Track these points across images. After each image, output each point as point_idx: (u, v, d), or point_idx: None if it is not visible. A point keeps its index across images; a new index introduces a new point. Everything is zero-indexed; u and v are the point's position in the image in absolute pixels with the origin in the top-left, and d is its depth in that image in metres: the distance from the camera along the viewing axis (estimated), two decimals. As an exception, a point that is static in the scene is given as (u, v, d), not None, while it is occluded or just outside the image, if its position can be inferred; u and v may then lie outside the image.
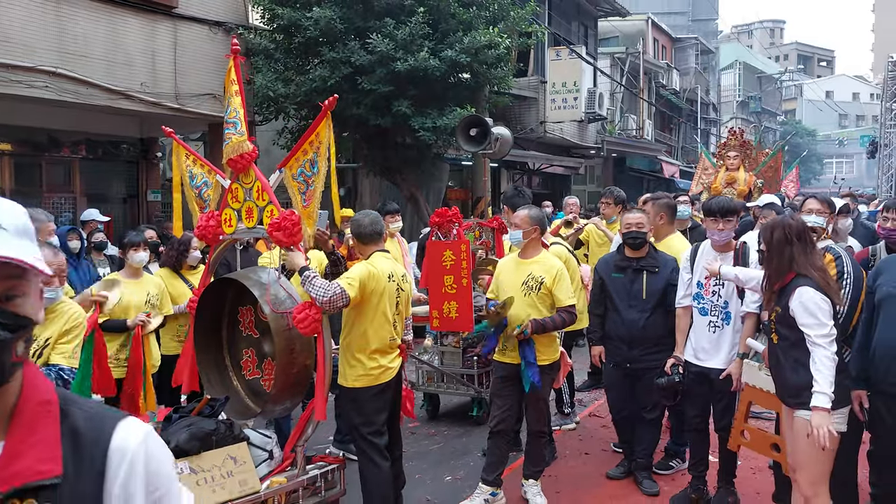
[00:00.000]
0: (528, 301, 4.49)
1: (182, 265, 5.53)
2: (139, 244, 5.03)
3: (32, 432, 1.11)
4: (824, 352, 3.28)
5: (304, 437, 3.95)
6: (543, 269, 4.49)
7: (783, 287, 3.48)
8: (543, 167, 18.94)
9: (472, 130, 7.31)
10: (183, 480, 3.41)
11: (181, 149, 4.48)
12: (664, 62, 31.21)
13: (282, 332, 3.87)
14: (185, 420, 3.72)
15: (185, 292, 5.29)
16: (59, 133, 10.48)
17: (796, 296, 3.37)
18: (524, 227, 4.57)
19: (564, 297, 4.46)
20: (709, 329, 4.42)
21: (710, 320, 4.42)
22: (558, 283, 4.45)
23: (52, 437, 1.11)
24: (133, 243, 5.02)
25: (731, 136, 10.40)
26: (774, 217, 3.99)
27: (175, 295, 5.32)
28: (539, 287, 4.47)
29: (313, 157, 3.86)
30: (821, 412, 3.24)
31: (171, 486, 1.19)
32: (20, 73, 8.13)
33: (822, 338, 3.30)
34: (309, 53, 10.71)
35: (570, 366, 4.86)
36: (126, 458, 1.13)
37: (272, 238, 3.88)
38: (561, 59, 17.89)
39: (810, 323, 3.32)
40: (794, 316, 3.37)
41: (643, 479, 4.90)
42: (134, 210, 11.71)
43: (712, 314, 4.41)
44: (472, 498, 4.63)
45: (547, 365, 4.55)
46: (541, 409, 4.66)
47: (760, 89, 52.89)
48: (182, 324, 5.24)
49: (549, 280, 4.45)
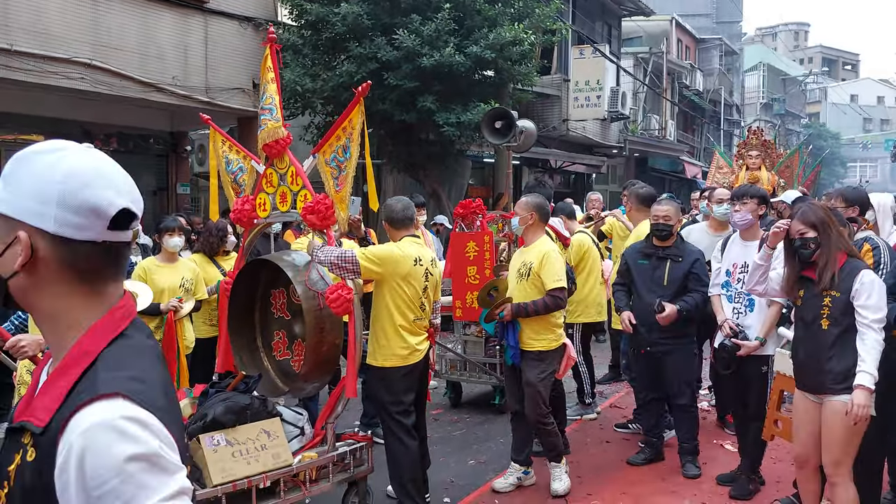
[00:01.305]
0: (520, 287, 4.59)
1: (218, 251, 5.67)
2: (174, 229, 5.19)
3: (60, 377, 1.09)
4: (876, 336, 3.37)
5: (333, 415, 4.08)
6: (534, 255, 4.56)
7: (840, 271, 3.47)
8: (565, 165, 18.97)
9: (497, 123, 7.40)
10: (219, 452, 3.56)
11: (217, 135, 4.63)
12: (688, 63, 31.05)
13: (313, 311, 4.00)
14: (221, 395, 3.86)
15: (217, 277, 5.44)
16: (91, 125, 10.72)
17: (861, 278, 3.41)
18: (521, 213, 4.67)
19: (549, 280, 4.46)
20: (734, 315, 4.56)
21: (735, 307, 4.55)
22: (545, 267, 4.47)
23: (63, 388, 1.07)
24: (169, 228, 5.18)
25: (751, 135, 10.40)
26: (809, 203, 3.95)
27: (207, 280, 5.47)
28: (528, 273, 4.54)
29: (346, 142, 3.99)
30: (864, 391, 3.32)
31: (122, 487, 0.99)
32: (56, 65, 8.35)
33: (878, 322, 3.38)
34: (336, 49, 10.85)
35: (574, 360, 4.80)
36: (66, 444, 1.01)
37: (306, 221, 4.01)
38: (584, 58, 17.91)
39: (872, 305, 3.38)
40: (853, 299, 3.41)
41: (686, 463, 4.99)
42: (163, 202, 11.94)
43: (736, 301, 4.54)
44: (505, 476, 4.80)
45: (540, 352, 4.56)
46: (532, 398, 4.58)
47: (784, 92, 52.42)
48: (215, 308, 5.39)
49: (536, 264, 4.50)
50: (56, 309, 1.14)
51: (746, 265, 4.45)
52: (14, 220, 1.11)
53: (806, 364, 3.63)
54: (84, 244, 1.12)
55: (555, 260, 4.50)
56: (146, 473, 1.00)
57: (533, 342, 4.57)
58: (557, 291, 4.46)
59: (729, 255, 4.64)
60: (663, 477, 4.97)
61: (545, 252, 4.52)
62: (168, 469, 1.03)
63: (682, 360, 4.94)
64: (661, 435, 5.30)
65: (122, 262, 1.20)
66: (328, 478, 4.01)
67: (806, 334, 3.62)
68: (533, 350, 4.57)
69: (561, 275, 4.49)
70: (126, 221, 1.14)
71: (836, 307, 3.47)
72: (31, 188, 1.10)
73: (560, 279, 4.48)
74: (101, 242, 1.13)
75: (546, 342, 4.57)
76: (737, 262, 4.58)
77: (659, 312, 4.70)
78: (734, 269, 4.58)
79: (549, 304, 4.46)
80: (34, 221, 1.10)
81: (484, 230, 5.97)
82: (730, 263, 4.61)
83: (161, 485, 1.01)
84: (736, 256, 4.60)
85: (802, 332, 3.65)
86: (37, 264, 1.11)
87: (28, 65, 8.09)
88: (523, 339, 4.59)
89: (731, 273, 4.60)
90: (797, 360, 3.71)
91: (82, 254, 1.12)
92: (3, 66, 7.90)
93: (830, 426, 3.52)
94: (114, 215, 1.12)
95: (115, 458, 0.99)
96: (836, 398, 3.47)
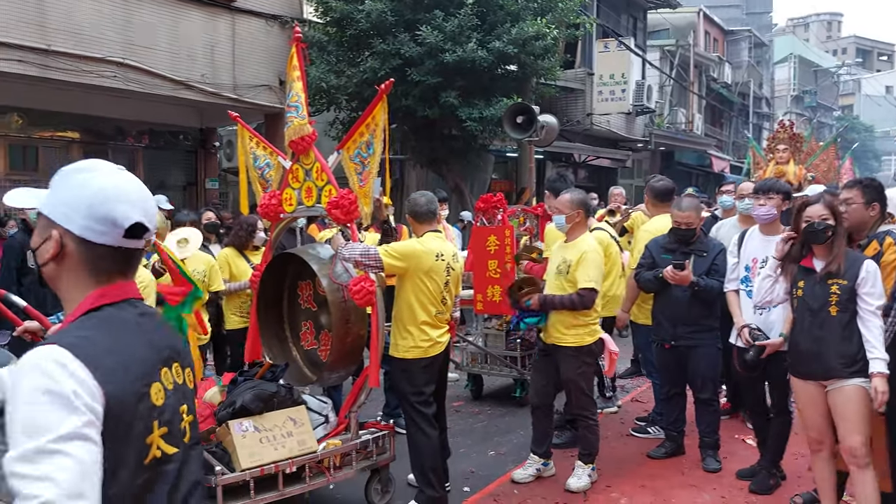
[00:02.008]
0: (557, 284, 4.61)
1: (248, 245, 5.81)
2: (187, 223, 5.32)
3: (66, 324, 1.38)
4: (879, 322, 3.55)
5: (357, 404, 4.20)
6: (573, 253, 4.57)
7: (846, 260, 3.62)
8: (589, 159, 18.93)
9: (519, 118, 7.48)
10: (248, 438, 3.70)
11: (245, 132, 4.76)
12: (716, 55, 30.73)
13: (338, 303, 4.13)
14: (249, 383, 4.00)
15: (247, 270, 5.59)
16: (124, 123, 11.01)
17: (866, 267, 3.57)
18: (566, 212, 4.63)
19: (582, 280, 4.46)
20: (755, 312, 4.50)
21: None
22: (580, 266, 4.48)
23: None
24: (182, 223, 5.31)
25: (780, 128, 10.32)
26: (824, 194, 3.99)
27: (237, 273, 5.64)
28: (567, 270, 4.56)
29: (369, 138, 4.09)
30: (882, 377, 3.46)
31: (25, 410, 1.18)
32: (90, 64, 8.59)
33: (879, 308, 3.55)
34: (360, 46, 10.98)
35: (616, 354, 4.81)
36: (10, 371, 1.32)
37: (330, 216, 4.13)
38: (609, 51, 17.83)
39: (875, 293, 3.56)
40: (858, 287, 3.55)
41: (706, 457, 5.03)
42: (192, 197, 12.19)
43: None
44: (525, 466, 4.88)
45: (574, 347, 4.57)
46: (574, 393, 4.68)
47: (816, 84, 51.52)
48: (245, 300, 5.55)
49: (574, 263, 4.52)
50: (72, 294, 1.41)
51: (768, 260, 4.47)
52: (52, 220, 1.40)
53: (812, 351, 3.71)
54: (102, 247, 1.39)
55: (591, 261, 4.49)
56: (49, 406, 1.17)
57: (564, 336, 4.58)
58: (587, 291, 4.46)
59: (747, 250, 4.61)
60: (683, 471, 5.00)
61: (584, 252, 4.51)
62: (75, 411, 1.18)
63: (706, 355, 4.95)
64: (682, 429, 5.32)
65: (133, 263, 1.47)
66: (351, 465, 4.14)
67: (813, 322, 3.70)
68: (567, 346, 4.58)
69: (595, 277, 4.48)
70: (140, 232, 1.41)
71: (843, 294, 3.59)
72: (67, 197, 1.39)
73: (592, 281, 4.46)
74: (116, 248, 1.40)
75: (578, 337, 4.57)
76: (757, 256, 4.55)
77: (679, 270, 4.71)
78: (754, 263, 4.54)
79: (575, 301, 4.46)
80: (65, 224, 1.38)
81: (505, 224, 6.05)
82: (749, 258, 4.58)
83: (60, 421, 1.16)
84: (756, 251, 4.57)
85: (808, 321, 3.72)
86: (64, 257, 1.40)
87: (64, 64, 8.33)
88: (554, 334, 4.61)
89: (750, 268, 4.57)
90: (799, 350, 3.79)
91: (99, 254, 1.39)
92: (41, 65, 8.15)
93: (846, 412, 3.59)
94: (128, 227, 1.38)
95: (28, 385, 1.19)
96: (847, 382, 3.57)
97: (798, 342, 3.80)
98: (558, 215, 4.71)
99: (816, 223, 3.66)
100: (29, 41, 8.03)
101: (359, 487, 4.39)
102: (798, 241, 3.81)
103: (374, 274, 4.04)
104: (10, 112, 9.74)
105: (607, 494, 4.61)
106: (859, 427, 3.57)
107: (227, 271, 5.65)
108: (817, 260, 3.73)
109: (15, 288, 5.48)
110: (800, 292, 3.76)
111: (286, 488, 3.82)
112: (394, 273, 4.16)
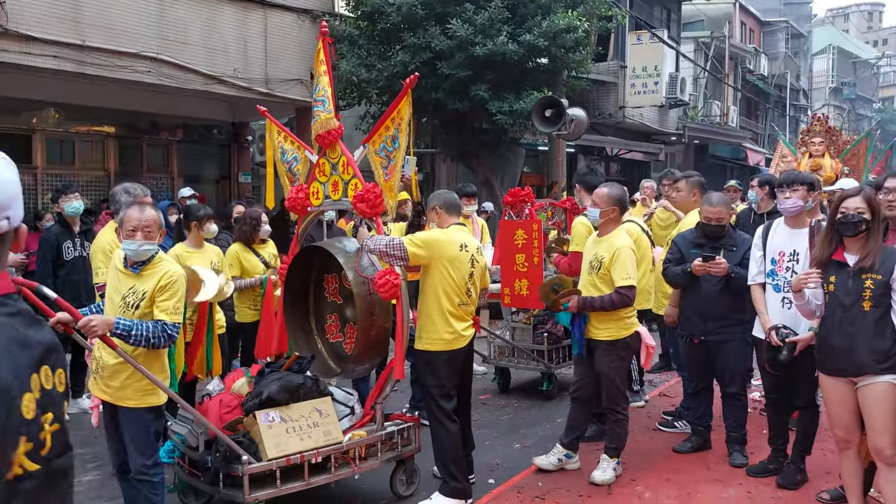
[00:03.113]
0: (590, 280, 4.61)
1: (254, 239, 5.82)
2: (211, 216, 5.32)
3: None
4: None
5: (382, 395, 4.24)
6: (606, 249, 4.54)
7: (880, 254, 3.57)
8: (621, 153, 18.78)
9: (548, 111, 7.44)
10: (274, 428, 3.76)
11: (274, 126, 4.82)
12: (752, 46, 30.19)
13: (363, 296, 4.18)
14: (276, 374, 4.07)
15: (257, 265, 5.68)
16: (158, 117, 11.21)
17: None
18: (602, 206, 4.59)
19: (619, 278, 4.44)
20: (783, 306, 4.45)
21: (785, 297, 4.45)
22: (616, 263, 4.46)
23: None
24: (208, 215, 5.29)
25: (815, 122, 10.14)
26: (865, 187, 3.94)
27: (248, 267, 5.67)
28: (599, 267, 4.54)
29: (394, 132, 4.13)
30: None
31: None
32: (125, 59, 8.75)
33: None
34: (391, 39, 11.02)
35: (653, 347, 4.76)
36: None
37: (356, 209, 4.17)
38: (642, 44, 17.64)
39: None
40: (893, 282, 3.51)
41: (733, 452, 4.99)
42: (225, 191, 12.37)
43: (786, 290, 4.44)
44: (548, 455, 4.89)
45: (609, 341, 4.57)
46: (607, 387, 4.67)
47: (855, 75, 50.37)
48: (258, 293, 5.62)
49: (608, 259, 4.50)
50: None
51: (796, 253, 4.41)
52: None
53: (842, 347, 3.65)
54: None
55: (626, 257, 4.46)
56: None
57: (599, 331, 4.58)
58: (625, 290, 4.44)
59: (773, 244, 4.53)
60: (709, 465, 4.97)
61: (618, 248, 4.49)
62: None
63: (736, 350, 4.90)
64: (708, 424, 5.29)
65: None
66: (377, 456, 4.19)
67: (844, 317, 3.63)
68: (602, 340, 4.58)
69: (632, 272, 4.46)
70: None
71: (877, 289, 3.54)
72: None
73: (630, 277, 4.43)
74: None
75: (612, 331, 4.56)
76: (783, 250, 4.48)
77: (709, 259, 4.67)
78: (780, 257, 4.47)
79: (615, 301, 4.45)
80: None
81: (533, 218, 6.05)
82: (775, 252, 4.50)
83: None
84: (782, 244, 4.50)
85: (840, 316, 3.65)
86: None
87: (99, 59, 8.51)
88: (590, 329, 4.61)
89: (776, 262, 4.49)
90: (829, 345, 3.72)
91: None
92: (77, 60, 8.33)
93: (876, 410, 3.54)
94: None
95: None
96: (878, 379, 3.51)
97: (828, 338, 3.74)
98: (593, 209, 4.69)
99: (851, 215, 3.60)
100: (65, 37, 8.21)
101: (384, 478, 4.44)
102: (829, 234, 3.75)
103: (398, 267, 4.07)
104: (47, 107, 9.98)
105: (632, 488, 4.60)
106: (889, 426, 3.51)
107: (237, 267, 5.65)
108: (849, 254, 3.66)
109: (51, 280, 5.63)
110: (831, 287, 3.69)
111: (312, 478, 3.89)
112: (418, 263, 4.18)
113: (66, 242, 5.98)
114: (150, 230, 3.49)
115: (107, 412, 3.62)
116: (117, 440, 3.63)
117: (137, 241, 3.47)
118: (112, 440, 3.68)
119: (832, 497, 4.27)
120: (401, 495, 4.39)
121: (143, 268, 3.52)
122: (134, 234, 3.47)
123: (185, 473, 4.01)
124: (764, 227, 4.70)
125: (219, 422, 3.90)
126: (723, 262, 4.70)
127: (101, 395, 3.56)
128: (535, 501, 4.39)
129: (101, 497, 4.48)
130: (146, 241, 3.48)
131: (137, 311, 3.46)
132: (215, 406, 4.04)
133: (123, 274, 3.56)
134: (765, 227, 4.69)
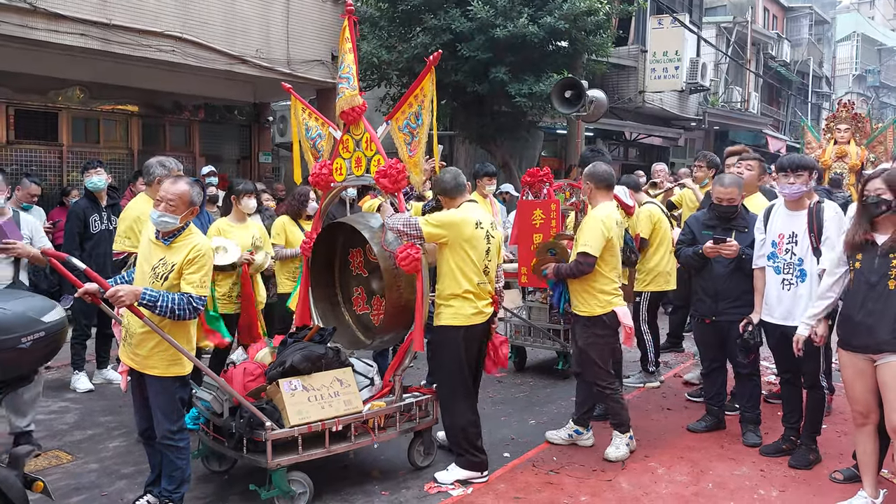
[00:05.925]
0: (575, 251, 4.72)
1: (301, 214, 6.06)
2: (251, 192, 5.50)
3: None
4: None
5: (401, 367, 4.33)
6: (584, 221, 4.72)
7: None
8: (641, 137, 18.70)
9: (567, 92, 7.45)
10: (296, 396, 3.86)
11: (298, 103, 4.90)
12: (774, 32, 29.82)
13: (390, 269, 4.27)
14: (299, 344, 4.17)
15: (301, 237, 5.79)
16: (180, 97, 11.32)
17: None
18: (582, 185, 4.81)
19: (578, 244, 4.60)
20: (783, 287, 4.53)
21: (784, 278, 4.53)
22: (581, 231, 4.65)
23: None
24: (247, 191, 5.47)
25: (841, 108, 10.07)
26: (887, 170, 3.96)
27: (292, 240, 5.88)
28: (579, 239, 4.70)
29: (418, 109, 4.19)
30: None
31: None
32: (149, 38, 8.85)
33: None
34: (412, 21, 11.04)
35: (631, 328, 4.74)
36: None
37: (378, 185, 4.24)
38: (663, 28, 17.50)
39: None
40: None
41: (747, 431, 5.04)
42: (246, 171, 12.49)
43: (786, 272, 4.52)
44: (559, 430, 5.03)
45: (586, 317, 4.68)
46: (584, 361, 4.76)
47: (880, 63, 49.53)
48: (297, 265, 5.75)
49: (580, 230, 4.68)
50: None
51: (794, 235, 4.49)
52: None
53: (865, 324, 3.71)
54: None
55: (590, 226, 4.55)
56: None
57: (577, 306, 4.74)
58: (580, 256, 4.55)
59: (774, 226, 4.60)
60: (723, 444, 5.02)
61: (588, 217, 4.66)
62: None
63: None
64: (722, 403, 5.34)
65: None
66: (395, 426, 4.28)
67: (869, 295, 3.69)
68: (581, 315, 4.73)
69: (590, 241, 4.51)
70: None
71: None
72: None
73: (586, 245, 4.51)
74: None
75: (588, 308, 4.67)
76: (783, 232, 4.54)
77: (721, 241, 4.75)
78: (780, 239, 4.54)
79: (572, 267, 4.61)
80: None
81: (551, 198, 6.09)
82: (775, 234, 4.57)
83: None
84: (782, 227, 4.56)
85: (864, 293, 3.72)
86: None
87: (124, 38, 8.61)
88: (573, 302, 4.78)
89: (776, 244, 4.56)
90: (852, 322, 3.77)
91: None
92: (102, 39, 8.44)
93: (894, 387, 3.59)
94: None
95: None
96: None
97: (851, 315, 3.79)
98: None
99: (871, 197, 3.70)
100: (91, 15, 8.31)
101: (402, 450, 4.54)
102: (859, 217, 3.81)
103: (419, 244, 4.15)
104: (72, 86, 10.10)
105: (645, 464, 4.67)
106: None
107: (282, 237, 5.91)
108: (879, 234, 3.72)
109: (77, 252, 5.79)
110: (857, 265, 3.76)
111: (332, 446, 3.99)
112: (434, 241, 4.25)
113: (94, 216, 6.15)
114: (173, 204, 3.55)
115: (134, 379, 3.72)
116: (144, 406, 3.71)
117: (158, 212, 3.55)
118: (138, 406, 3.77)
119: (846, 477, 4.32)
120: (418, 466, 4.49)
121: (174, 240, 3.59)
122: (159, 204, 3.56)
123: (209, 439, 4.12)
124: (766, 209, 4.76)
125: (242, 390, 4.01)
126: (734, 245, 4.75)
127: (129, 362, 3.65)
128: (550, 475, 4.47)
129: (127, 463, 4.62)
130: (166, 213, 3.55)
131: (166, 282, 3.52)
132: (239, 374, 4.15)
133: (155, 245, 3.64)
134: (766, 210, 4.75)
